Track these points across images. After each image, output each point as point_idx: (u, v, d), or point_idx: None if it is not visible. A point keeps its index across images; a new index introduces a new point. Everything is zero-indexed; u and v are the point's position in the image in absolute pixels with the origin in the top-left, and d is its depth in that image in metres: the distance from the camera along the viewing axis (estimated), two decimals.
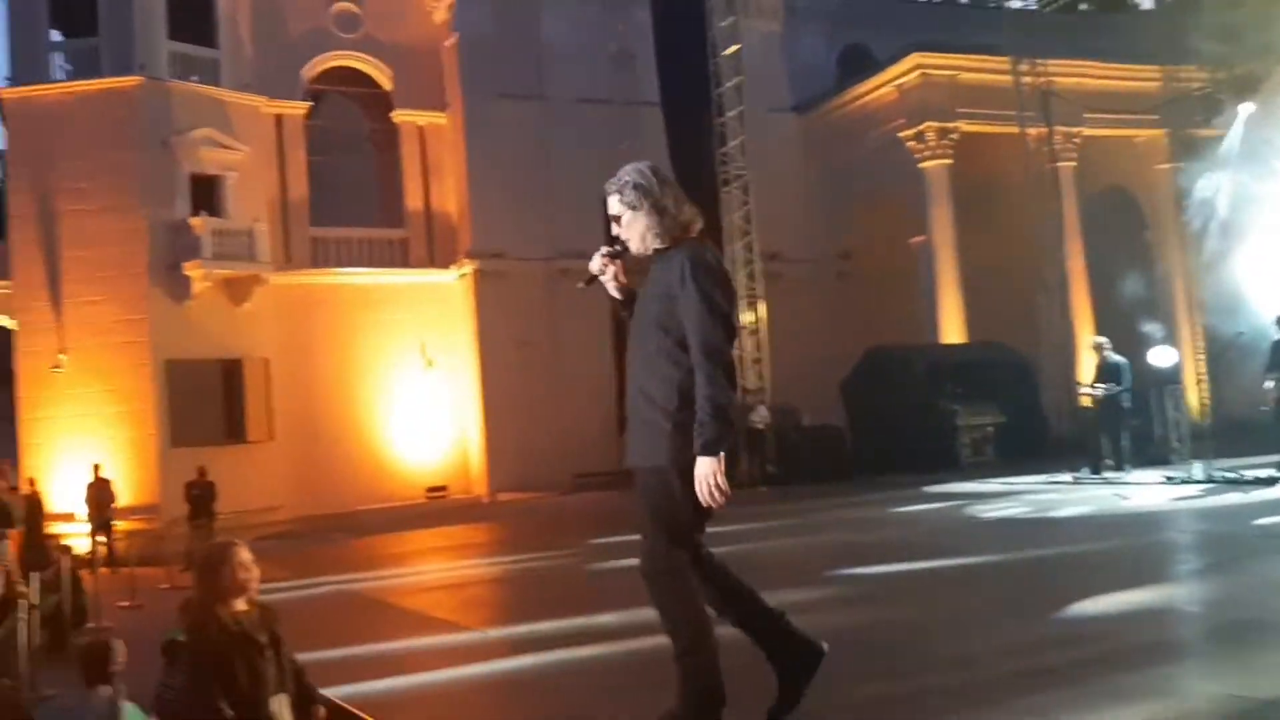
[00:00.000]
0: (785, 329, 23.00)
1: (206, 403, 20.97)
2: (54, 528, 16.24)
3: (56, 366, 20.19)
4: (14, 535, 11.66)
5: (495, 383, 23.02)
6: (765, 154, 24.25)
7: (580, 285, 4.21)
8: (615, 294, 3.96)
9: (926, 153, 23.62)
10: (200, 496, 16.67)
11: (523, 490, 21.38)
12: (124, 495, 18.74)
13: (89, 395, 20.10)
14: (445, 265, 24.40)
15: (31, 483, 16.74)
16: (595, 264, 3.92)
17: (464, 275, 23.91)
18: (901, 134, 23.87)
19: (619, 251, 3.88)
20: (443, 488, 23.56)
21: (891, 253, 25.07)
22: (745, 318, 20.73)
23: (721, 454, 3.54)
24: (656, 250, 3.74)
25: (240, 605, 4.22)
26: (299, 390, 22.21)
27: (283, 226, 23.09)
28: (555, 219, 23.46)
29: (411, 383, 23.56)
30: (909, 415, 18.67)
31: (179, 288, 20.93)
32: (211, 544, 4.55)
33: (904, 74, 23.96)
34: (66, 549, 11.33)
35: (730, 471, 3.59)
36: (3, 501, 9.05)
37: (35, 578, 8.79)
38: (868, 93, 25.14)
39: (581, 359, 23.12)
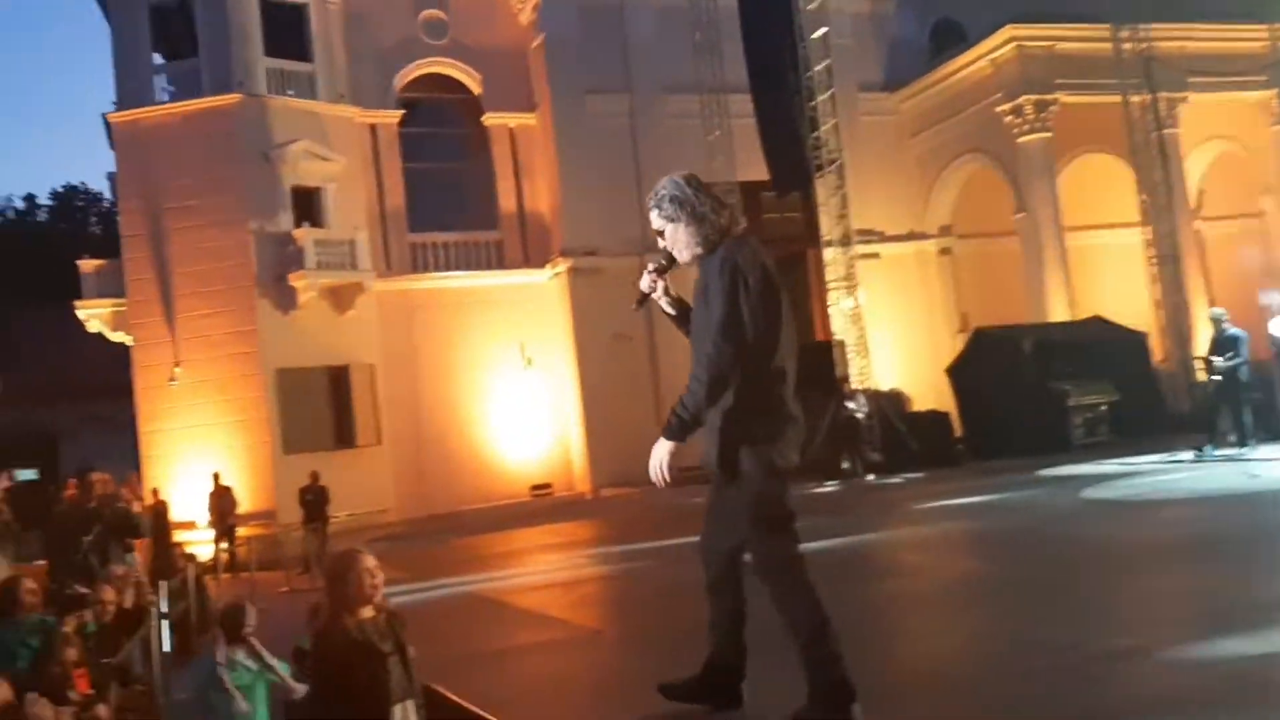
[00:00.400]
0: (885, 313, 22.66)
1: (316, 409, 21.48)
2: (177, 536, 16.75)
3: (172, 379, 20.87)
4: (141, 545, 12.05)
5: (593, 379, 23.12)
6: (859, 135, 23.93)
7: (634, 307, 4.37)
8: (669, 310, 4.13)
9: (1025, 126, 23.00)
10: (313, 501, 17.06)
11: (626, 486, 21.42)
12: (242, 502, 19.28)
13: (204, 406, 20.73)
14: (539, 265, 24.58)
15: (155, 493, 17.31)
16: (645, 283, 4.07)
17: (558, 274, 24.06)
18: (999, 109, 23.29)
19: (665, 266, 4.04)
20: (546, 485, 23.75)
21: (993, 230, 24.51)
22: (843, 303, 20.40)
23: (674, 441, 3.83)
24: (699, 256, 3.90)
25: (367, 612, 4.25)
26: (404, 394, 22.61)
27: (381, 234, 23.52)
28: (646, 212, 23.48)
29: (511, 382, 23.79)
30: (1018, 397, 18.15)
31: (285, 298, 21.46)
32: (337, 552, 4.60)
33: (998, 47, 23.36)
34: (191, 557, 11.73)
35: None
36: (131, 513, 9.34)
37: (163, 586, 9.08)
38: (962, 68, 24.58)
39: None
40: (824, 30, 20.72)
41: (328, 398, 21.80)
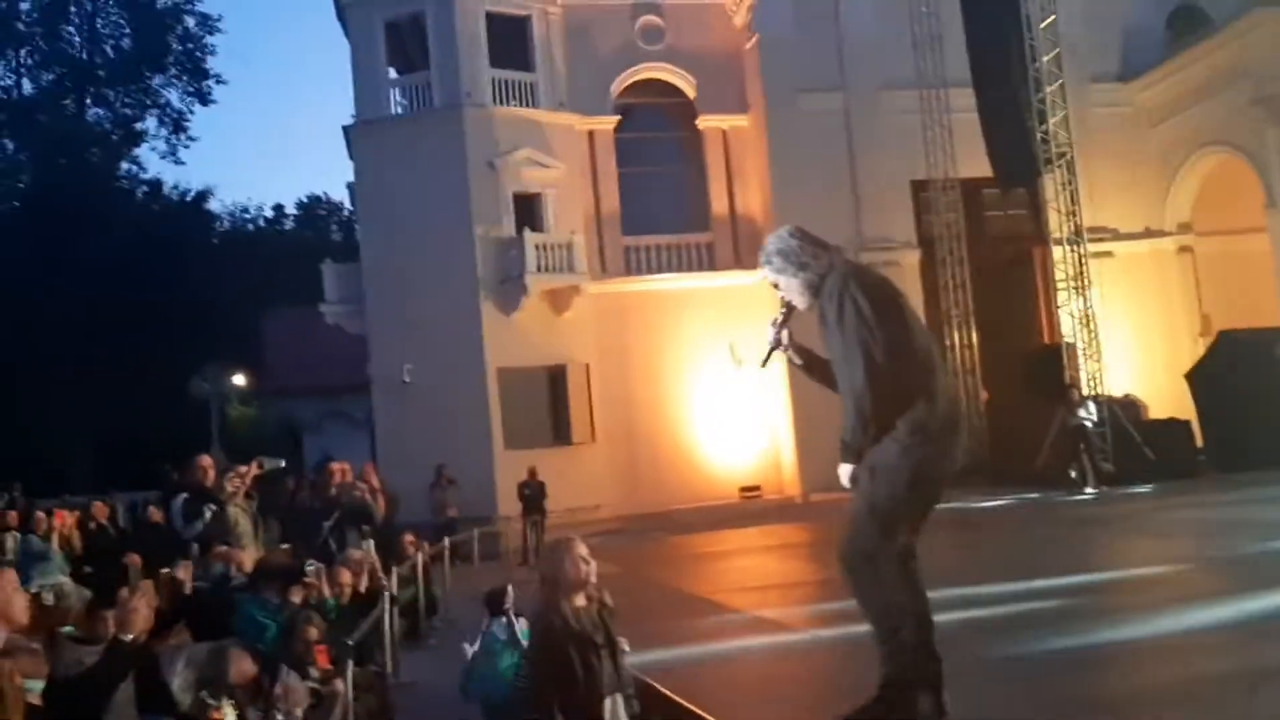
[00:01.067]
0: (1119, 315, 21.44)
1: (535, 407, 22.18)
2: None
3: (404, 377, 21.97)
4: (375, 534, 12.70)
5: (804, 382, 22.68)
6: (1090, 128, 22.73)
7: (762, 365, 4.77)
8: (797, 359, 4.45)
9: (1275, 116, 21.25)
10: (531, 495, 17.60)
11: (837, 491, 21.03)
12: (465, 495, 20.06)
13: (432, 402, 21.68)
14: (751, 267, 24.49)
15: (383, 484, 18.25)
16: (771, 335, 4.38)
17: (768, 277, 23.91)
18: (1246, 98, 21.61)
19: (786, 315, 4.37)
20: (755, 488, 23.66)
21: (1239, 227, 22.79)
22: (1073, 305, 19.39)
23: (848, 463, 4.20)
24: (812, 300, 4.22)
25: (579, 600, 4.36)
26: (617, 393, 23.02)
27: (597, 237, 24.04)
28: (860, 212, 23.11)
29: (721, 383, 23.80)
30: (1268, 405, 16.79)
31: (508, 300, 22.26)
32: (552, 540, 4.75)
33: (1245, 32, 21.68)
34: (420, 545, 12.27)
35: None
36: (366, 502, 9.88)
37: (394, 572, 9.56)
38: (1204, 55, 22.93)
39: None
40: (1052, 19, 19.78)
41: (546, 396, 22.48)
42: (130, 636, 4.12)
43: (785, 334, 4.36)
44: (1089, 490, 16.15)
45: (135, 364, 28.63)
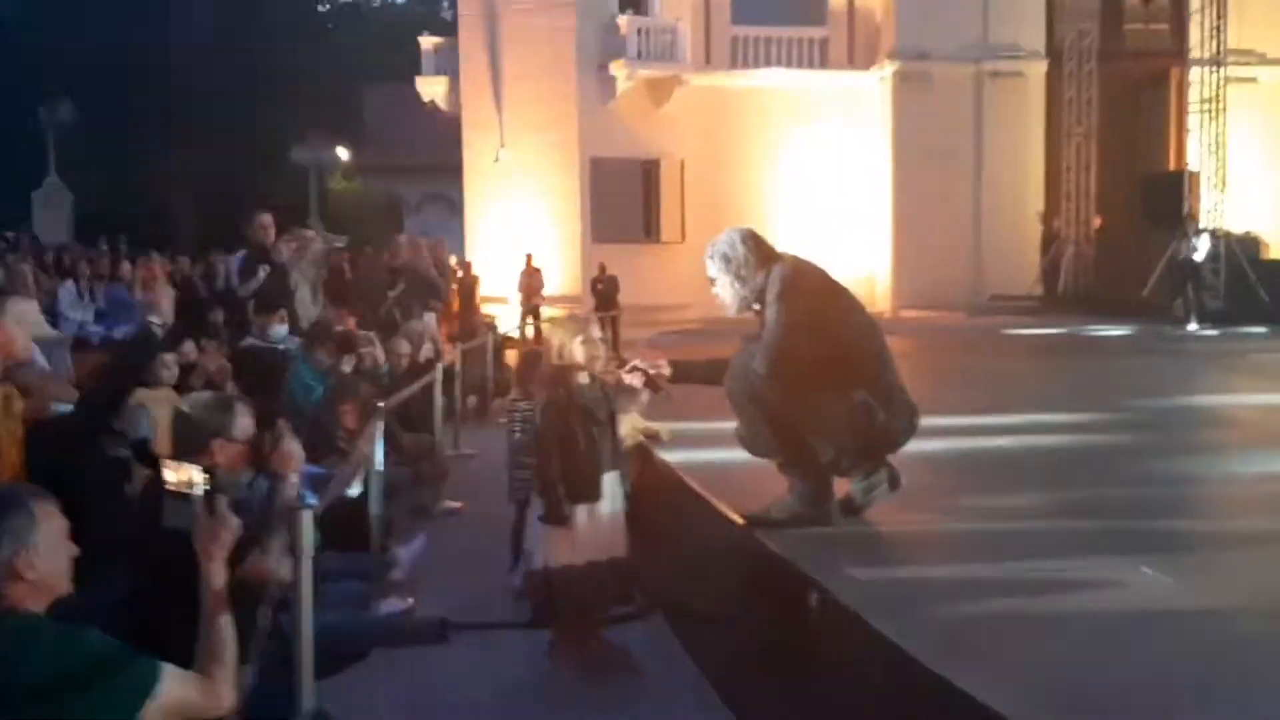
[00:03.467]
0: (1253, 147, 19.94)
1: (626, 201, 21.82)
2: (486, 309, 17.77)
3: (496, 159, 21.72)
4: (449, 315, 12.79)
5: (909, 194, 22.00)
6: None
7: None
8: (669, 387, 4.41)
9: None
10: (604, 291, 17.59)
11: (929, 308, 20.56)
12: (550, 284, 20.10)
13: (523, 188, 21.49)
14: (865, 66, 23.27)
15: (468, 267, 18.36)
16: (636, 380, 4.34)
17: (883, 78, 22.73)
18: None
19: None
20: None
21: None
22: (1204, 131, 18.01)
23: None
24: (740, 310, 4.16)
25: (584, 378, 4.36)
26: (711, 193, 22.39)
27: (704, 24, 22.92)
28: (988, 15, 21.60)
29: (822, 190, 23.03)
30: None
31: (605, 87, 21.60)
32: (568, 316, 4.65)
33: None
34: (493, 327, 12.34)
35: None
36: (431, 277, 9.84)
37: (457, 349, 9.59)
38: None
39: (1006, 171, 21.57)
40: None
41: (638, 190, 22.07)
42: (159, 320, 4.09)
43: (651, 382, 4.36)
44: (1191, 326, 15.42)
45: (240, 129, 28.83)
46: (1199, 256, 16.10)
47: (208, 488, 2.60)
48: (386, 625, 5.02)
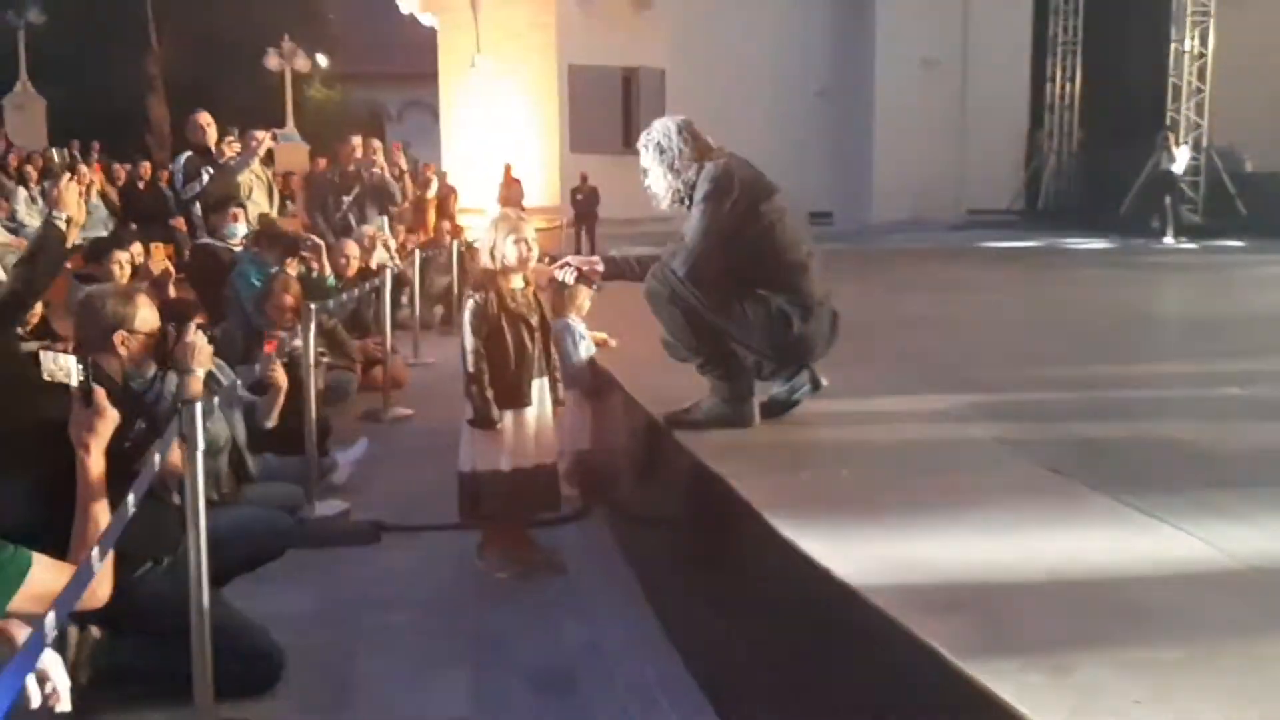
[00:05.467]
0: (1241, 59, 19.61)
1: (604, 110, 21.44)
2: (465, 220, 17.59)
3: (472, 65, 21.30)
4: (424, 227, 12.64)
5: (891, 105, 21.69)
6: None
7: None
8: (599, 285, 4.43)
9: None
10: (584, 201, 17.36)
11: (909, 221, 20.46)
12: (528, 195, 19.87)
13: (500, 96, 21.09)
14: None
15: (443, 177, 18.13)
16: (566, 276, 4.26)
17: None
18: None
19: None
20: (827, 214, 23.01)
21: None
22: (1187, 40, 17.69)
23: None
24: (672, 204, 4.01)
25: (517, 281, 4.33)
26: (691, 104, 21.62)
27: None
28: None
29: (801, 104, 22.68)
30: None
31: None
32: (501, 215, 4.58)
33: None
34: (459, 234, 12.22)
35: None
36: (387, 180, 9.69)
37: (417, 256, 9.49)
38: None
39: (994, 80, 21.26)
40: None
41: (617, 100, 21.69)
42: (64, 215, 4.03)
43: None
44: (1168, 240, 15.37)
45: (216, 33, 28.19)
46: (1177, 169, 16.00)
47: (82, 378, 2.55)
48: (319, 526, 5.05)
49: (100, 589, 2.43)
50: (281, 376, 4.72)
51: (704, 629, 3.60)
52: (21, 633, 2.47)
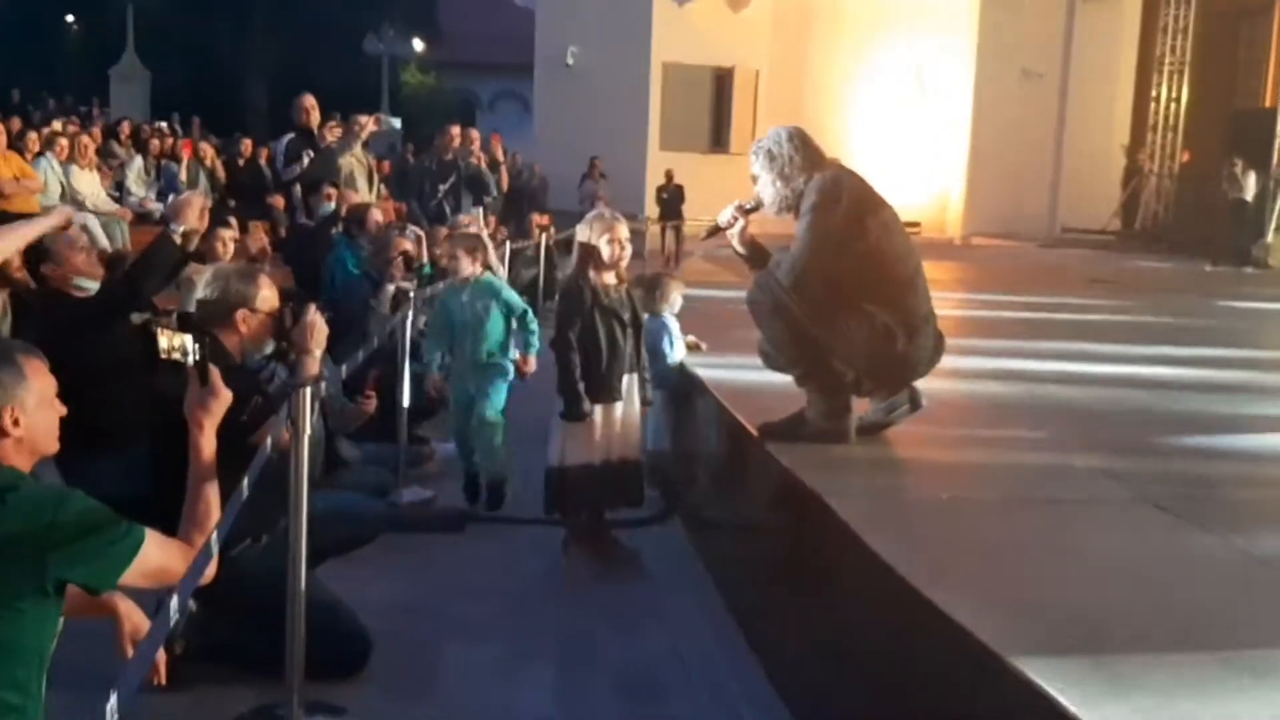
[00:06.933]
0: None
1: (696, 109, 21.42)
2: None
3: (568, 60, 21.41)
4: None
5: (990, 115, 21.29)
6: None
7: (703, 236, 4.56)
8: (740, 249, 4.03)
9: None
10: (669, 200, 17.38)
11: (1000, 236, 20.09)
12: (615, 191, 19.88)
13: (594, 91, 21.17)
14: None
15: (535, 168, 18.26)
16: (725, 215, 4.01)
17: None
18: None
19: (754, 208, 4.00)
20: (915, 224, 22.66)
21: None
22: None
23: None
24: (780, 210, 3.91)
25: (609, 278, 4.35)
26: (786, 105, 21.82)
27: None
28: None
29: (901, 108, 22.39)
30: None
31: None
32: (596, 214, 4.57)
33: None
34: (547, 228, 12.26)
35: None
36: (482, 170, 9.78)
37: (506, 247, 9.55)
38: None
39: (1095, 95, 20.80)
40: None
41: (710, 99, 21.64)
42: (181, 228, 4.14)
43: (741, 224, 4.00)
44: (1248, 268, 15.08)
45: (317, 17, 28.75)
46: (1248, 195, 15.72)
47: (198, 358, 2.58)
48: (407, 511, 5.11)
49: (209, 567, 2.48)
50: (373, 405, 4.80)
51: (789, 644, 3.56)
52: (126, 606, 2.53)
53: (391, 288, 5.90)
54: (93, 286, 4.45)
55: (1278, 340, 8.40)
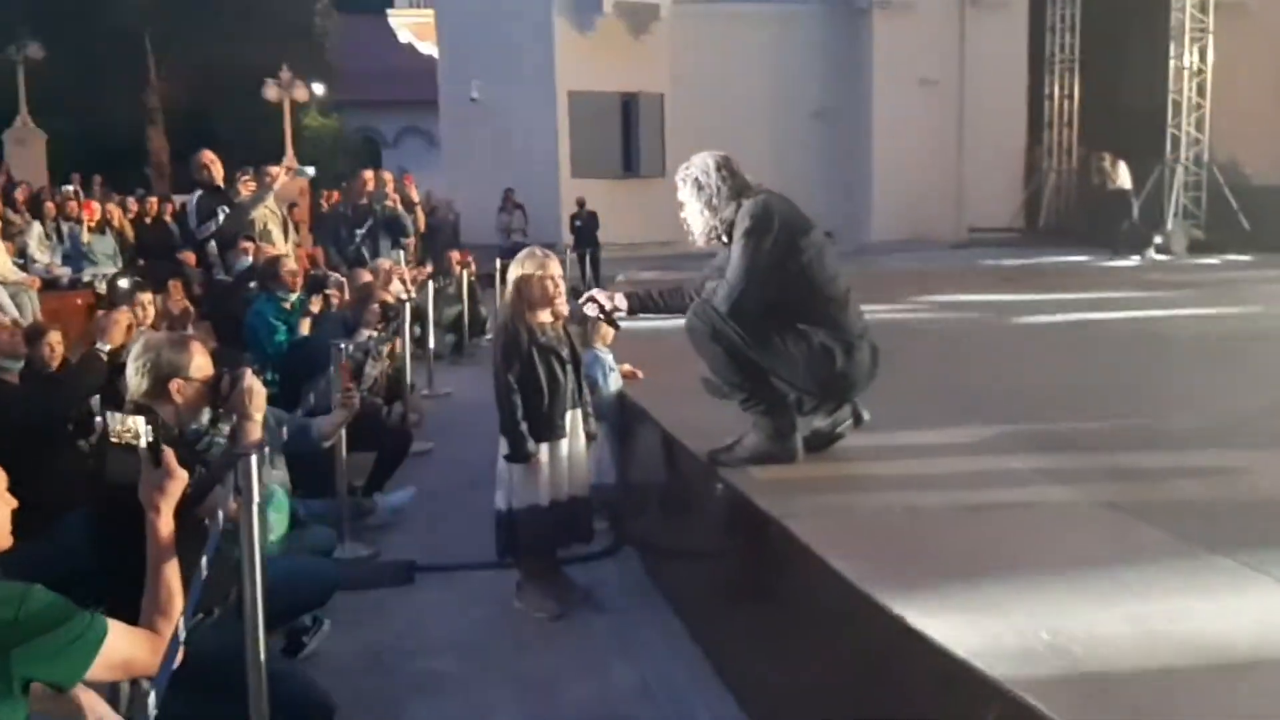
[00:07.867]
0: (1236, 74, 19.72)
1: (605, 136, 21.50)
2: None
3: (473, 94, 21.36)
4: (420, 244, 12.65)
5: (889, 126, 21.73)
6: None
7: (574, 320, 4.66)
8: (626, 319, 4.32)
9: None
10: (583, 227, 17.36)
11: (910, 240, 20.49)
12: (532, 221, 19.87)
13: (500, 122, 21.15)
14: None
15: (448, 204, 18.16)
16: (591, 311, 4.23)
17: (864, 9, 22.34)
18: None
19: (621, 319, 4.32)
20: (827, 234, 22.98)
21: None
22: (1185, 58, 17.74)
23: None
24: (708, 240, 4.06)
25: (545, 316, 4.34)
26: (689, 128, 21.99)
27: None
28: None
29: (799, 128, 22.69)
30: None
31: (583, 17, 21.13)
32: (528, 253, 4.56)
33: None
34: (467, 265, 12.18)
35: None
36: (400, 213, 9.70)
37: (430, 287, 9.48)
38: None
39: (990, 98, 21.32)
40: None
41: (617, 124, 21.74)
42: (108, 347, 4.05)
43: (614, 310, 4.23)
44: (1153, 256, 15.70)
45: (212, 65, 28.25)
46: (1125, 185, 16.42)
47: (151, 439, 2.52)
48: (352, 568, 5.01)
49: (178, 655, 2.41)
50: (356, 401, 4.79)
51: (760, 670, 3.56)
52: (89, 698, 2.45)
53: (366, 333, 6.17)
54: (15, 366, 4.31)
55: (1195, 327, 8.66)
